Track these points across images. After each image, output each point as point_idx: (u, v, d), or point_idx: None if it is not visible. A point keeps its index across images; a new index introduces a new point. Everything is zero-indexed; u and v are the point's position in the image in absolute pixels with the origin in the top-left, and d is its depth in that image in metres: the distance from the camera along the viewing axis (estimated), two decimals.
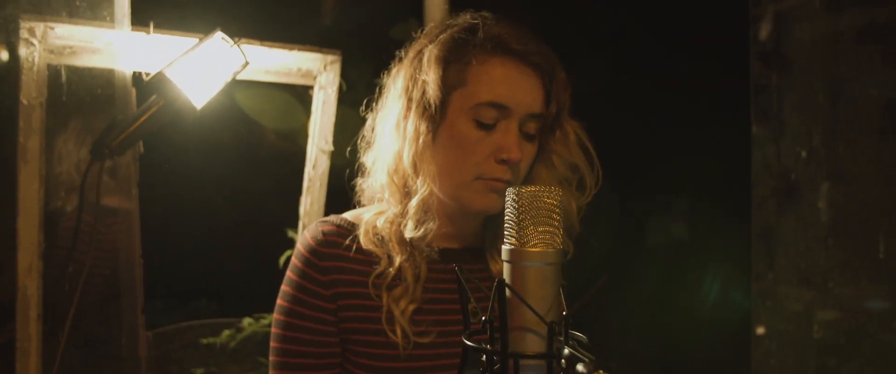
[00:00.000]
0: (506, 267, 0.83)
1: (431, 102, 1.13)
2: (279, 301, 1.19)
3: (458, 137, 1.13)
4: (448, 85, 1.14)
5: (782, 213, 1.97)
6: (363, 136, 1.25)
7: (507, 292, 0.81)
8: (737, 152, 2.07)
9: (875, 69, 1.80)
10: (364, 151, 1.24)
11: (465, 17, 1.19)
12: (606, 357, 0.83)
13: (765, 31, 2.03)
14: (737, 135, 2.07)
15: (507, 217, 0.83)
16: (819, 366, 1.91)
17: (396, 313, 1.14)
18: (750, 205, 2.03)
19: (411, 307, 1.15)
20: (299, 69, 1.99)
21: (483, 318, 0.83)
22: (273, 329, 1.18)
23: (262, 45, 1.85)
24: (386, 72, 1.24)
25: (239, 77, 1.74)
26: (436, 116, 1.14)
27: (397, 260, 1.16)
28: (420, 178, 1.14)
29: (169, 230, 2.10)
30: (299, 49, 1.94)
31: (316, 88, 2.04)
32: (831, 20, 1.88)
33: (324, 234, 1.18)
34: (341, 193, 1.31)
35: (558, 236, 0.84)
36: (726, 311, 2.14)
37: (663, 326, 2.44)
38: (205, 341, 2.08)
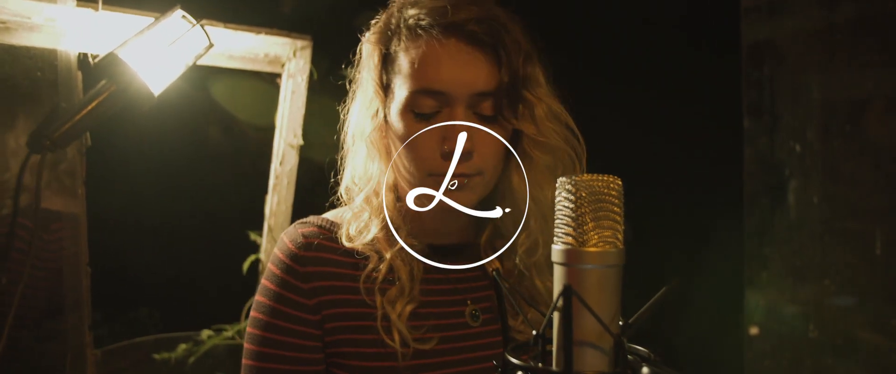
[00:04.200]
0: (558, 270, 0.72)
1: (377, 100, 1.03)
2: (254, 313, 1.05)
3: (402, 134, 1.01)
4: (386, 79, 1.03)
5: (776, 209, 1.91)
6: (339, 131, 1.14)
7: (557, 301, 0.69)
8: (728, 148, 2.00)
9: (870, 62, 1.76)
10: (341, 148, 1.13)
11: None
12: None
13: (756, 23, 1.98)
14: (728, 130, 2.00)
15: (560, 211, 0.72)
16: (815, 366, 1.86)
17: (393, 316, 1.02)
18: (742, 202, 1.97)
19: (409, 308, 1.03)
20: (267, 55, 1.83)
21: (534, 332, 0.71)
22: (246, 344, 1.05)
23: (225, 27, 1.70)
24: (351, 63, 1.12)
25: (200, 63, 1.57)
26: (385, 114, 1.04)
27: (388, 255, 1.04)
28: (384, 185, 1.06)
29: (118, 234, 1.89)
30: (267, 33, 1.79)
31: (284, 76, 1.88)
32: (825, 12, 1.83)
33: (304, 236, 1.06)
34: (311, 191, 1.18)
35: (620, 234, 0.73)
36: (719, 311, 2.07)
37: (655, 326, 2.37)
38: (158, 356, 1.88)
